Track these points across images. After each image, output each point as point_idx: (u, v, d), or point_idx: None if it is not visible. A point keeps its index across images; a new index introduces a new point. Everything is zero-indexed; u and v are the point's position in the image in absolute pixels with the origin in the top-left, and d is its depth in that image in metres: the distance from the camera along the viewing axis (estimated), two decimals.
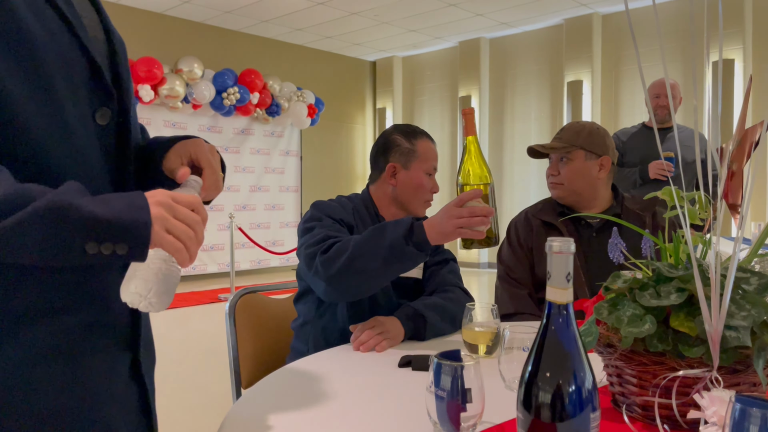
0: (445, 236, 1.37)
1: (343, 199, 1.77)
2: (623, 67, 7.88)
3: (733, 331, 0.82)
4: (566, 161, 1.92)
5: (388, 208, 1.77)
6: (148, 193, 0.78)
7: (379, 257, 1.40)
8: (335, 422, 0.96)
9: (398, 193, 1.75)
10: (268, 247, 7.81)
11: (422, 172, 1.74)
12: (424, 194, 1.75)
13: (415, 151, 1.75)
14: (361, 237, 1.46)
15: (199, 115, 7.70)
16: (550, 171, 1.96)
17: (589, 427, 0.68)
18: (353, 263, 1.42)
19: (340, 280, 1.45)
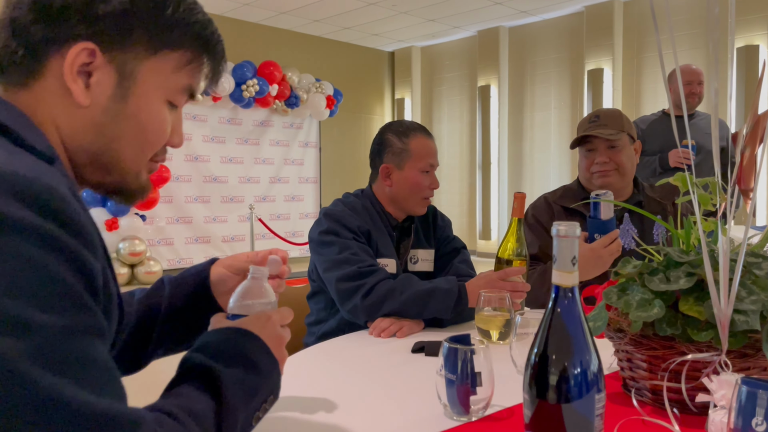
0: None
1: (351, 198, 1.76)
2: (645, 55, 7.76)
3: (742, 315, 0.82)
4: (617, 148, 1.88)
5: (389, 207, 1.77)
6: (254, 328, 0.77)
7: (423, 315, 1.50)
8: (349, 405, 0.98)
9: (394, 194, 1.75)
10: (288, 238, 7.86)
11: (417, 171, 1.72)
12: (421, 193, 1.74)
13: (408, 150, 1.73)
14: (408, 293, 1.50)
15: (219, 108, 7.75)
16: (600, 159, 1.88)
17: (594, 409, 0.69)
18: (398, 313, 1.49)
19: (372, 316, 1.52)
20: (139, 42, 0.72)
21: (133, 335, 0.90)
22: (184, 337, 0.93)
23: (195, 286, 0.93)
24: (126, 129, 0.73)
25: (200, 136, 7.67)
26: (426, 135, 1.78)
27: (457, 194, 9.59)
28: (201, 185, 7.73)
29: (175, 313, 0.92)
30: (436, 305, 1.47)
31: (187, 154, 7.57)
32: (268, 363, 0.75)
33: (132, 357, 0.91)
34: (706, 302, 0.85)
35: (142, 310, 0.92)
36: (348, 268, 1.54)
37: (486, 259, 8.83)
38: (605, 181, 1.89)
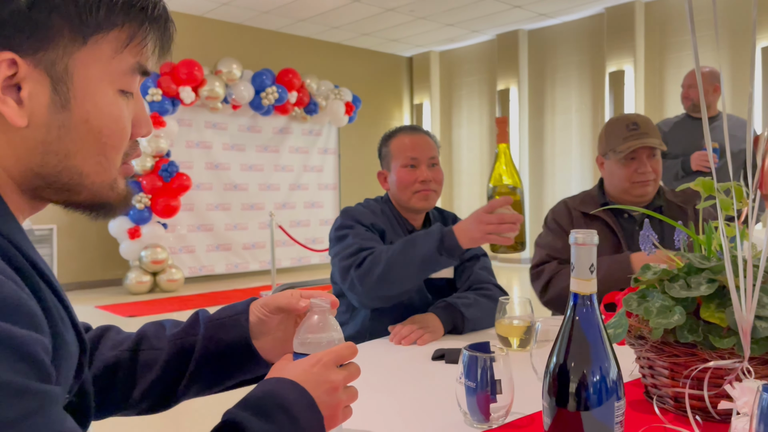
0: (474, 241, 1.40)
1: (371, 202, 1.82)
2: (668, 56, 7.68)
3: (764, 322, 0.81)
4: (657, 157, 1.87)
5: (404, 213, 1.81)
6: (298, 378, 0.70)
7: (414, 267, 1.46)
8: (369, 412, 0.98)
9: (393, 196, 1.81)
10: (308, 245, 7.90)
11: (399, 167, 1.76)
12: (409, 187, 1.75)
13: (390, 152, 1.80)
14: (393, 249, 1.50)
15: (239, 116, 7.84)
16: (644, 169, 1.83)
17: (614, 416, 0.69)
18: (388, 275, 1.47)
19: (376, 290, 1.51)
20: (61, 34, 0.60)
21: (164, 373, 0.84)
22: (219, 381, 0.87)
23: (233, 331, 0.85)
24: (79, 140, 0.62)
25: (220, 144, 7.76)
26: (408, 132, 1.81)
27: (476, 199, 9.56)
28: (221, 193, 7.81)
29: (211, 356, 0.84)
30: (420, 249, 1.44)
31: (208, 162, 7.66)
32: (311, 418, 0.68)
33: (161, 395, 0.85)
34: (727, 309, 0.84)
35: (176, 348, 0.85)
36: (350, 248, 1.58)
37: (508, 264, 8.78)
38: (645, 191, 1.86)
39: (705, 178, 1.06)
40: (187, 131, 7.42)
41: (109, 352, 0.84)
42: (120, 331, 0.89)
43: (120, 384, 0.83)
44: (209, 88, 7.12)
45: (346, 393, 0.74)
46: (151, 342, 0.86)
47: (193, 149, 7.53)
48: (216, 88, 7.17)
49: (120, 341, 0.86)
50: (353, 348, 0.75)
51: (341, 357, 0.74)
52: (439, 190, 1.79)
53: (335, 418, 0.72)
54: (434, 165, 1.79)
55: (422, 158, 1.76)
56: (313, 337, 0.77)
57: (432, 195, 1.77)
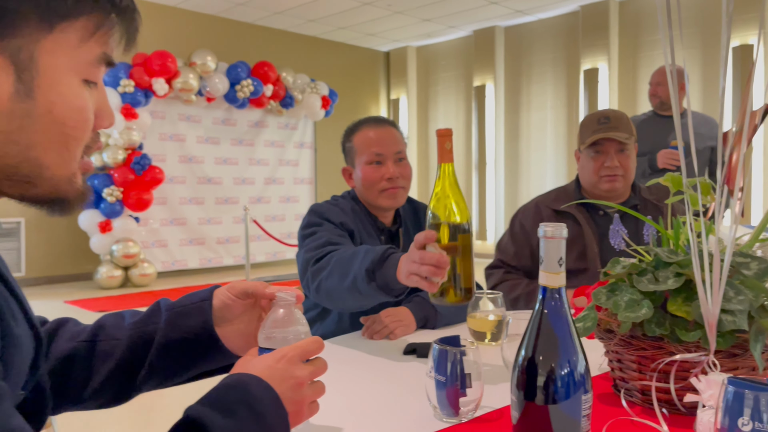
0: (403, 279, 1.14)
1: (339, 199, 1.73)
2: (641, 54, 7.77)
3: (729, 315, 0.82)
4: (626, 152, 1.86)
5: (372, 210, 1.72)
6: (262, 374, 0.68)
7: (344, 286, 1.29)
8: (338, 405, 0.97)
9: (359, 193, 1.72)
10: (283, 240, 7.85)
11: (364, 164, 1.67)
12: (377, 185, 1.66)
13: (353, 147, 1.71)
14: (341, 255, 1.36)
15: (213, 108, 7.75)
16: (611, 163, 1.84)
17: (581, 410, 0.69)
18: (323, 283, 1.36)
19: (316, 296, 1.42)
20: (28, 20, 0.58)
21: (122, 363, 0.81)
22: (180, 371, 0.84)
23: (195, 318, 0.82)
24: (41, 131, 0.60)
25: (194, 137, 7.67)
26: (372, 125, 1.70)
27: None
28: (195, 187, 7.72)
29: (172, 345, 0.82)
30: (357, 267, 1.26)
31: (182, 155, 7.56)
32: (276, 414, 0.66)
33: (120, 386, 0.82)
34: (694, 302, 0.85)
35: (135, 337, 0.82)
36: (317, 241, 1.49)
37: (482, 259, 8.81)
38: (612, 186, 1.86)
39: (674, 174, 1.06)
40: (160, 124, 7.31)
41: (65, 344, 0.81)
42: (78, 323, 0.86)
43: (77, 376, 0.81)
44: (183, 80, 7.02)
45: (312, 388, 0.72)
46: (109, 332, 0.83)
47: (166, 142, 7.42)
48: (190, 80, 7.07)
49: (77, 333, 0.83)
50: (319, 343, 0.74)
51: (307, 352, 0.72)
52: (408, 186, 1.71)
53: (301, 413, 0.70)
54: (401, 160, 1.69)
55: (388, 153, 1.66)
56: (278, 331, 0.75)
57: (400, 192, 1.68)
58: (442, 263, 1.04)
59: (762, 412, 0.65)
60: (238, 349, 0.83)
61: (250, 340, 0.83)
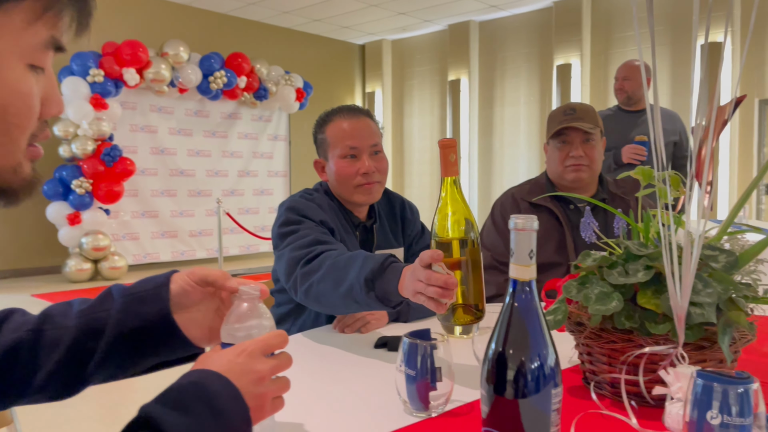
0: (409, 296, 1.06)
1: (314, 194, 1.62)
2: (613, 51, 7.86)
3: (698, 308, 0.83)
4: (592, 143, 1.88)
5: (346, 204, 1.64)
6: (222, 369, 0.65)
7: (338, 293, 1.21)
8: (307, 399, 0.96)
9: (333, 188, 1.63)
10: (257, 233, 7.78)
11: (337, 158, 1.58)
12: (349, 181, 1.58)
13: (326, 139, 1.61)
14: (336, 260, 1.27)
15: (186, 100, 7.63)
16: (575, 153, 1.85)
17: (551, 404, 0.68)
18: (315, 287, 1.28)
19: (305, 299, 1.33)
20: None
21: (70, 353, 0.76)
22: (135, 362, 0.79)
23: (151, 305, 0.78)
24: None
25: (166, 128, 7.55)
26: (346, 116, 1.60)
27: (427, 189, 9.62)
28: (167, 179, 7.61)
29: (127, 333, 0.77)
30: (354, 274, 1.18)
31: (153, 146, 7.44)
32: (236, 410, 0.64)
33: (68, 377, 0.77)
34: (663, 295, 0.85)
35: (83, 325, 0.77)
36: (305, 239, 1.40)
37: None
38: (577, 176, 1.88)
39: (645, 167, 1.07)
40: (131, 114, 7.19)
41: (10, 335, 0.77)
42: (26, 313, 0.82)
43: (22, 367, 0.76)
44: (155, 70, 6.90)
45: (276, 383, 0.70)
46: (56, 320, 0.78)
47: (137, 133, 7.30)
48: (162, 71, 6.95)
49: (23, 323, 0.79)
50: (283, 337, 0.71)
51: (269, 346, 0.70)
52: (384, 180, 1.64)
53: (263, 409, 0.68)
54: (377, 153, 1.61)
55: (363, 147, 1.57)
56: (242, 326, 0.73)
57: (376, 187, 1.60)
58: (450, 284, 0.98)
59: (731, 406, 0.65)
60: (195, 340, 0.80)
61: (205, 331, 0.80)
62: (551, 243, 1.84)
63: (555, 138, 1.89)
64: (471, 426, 0.85)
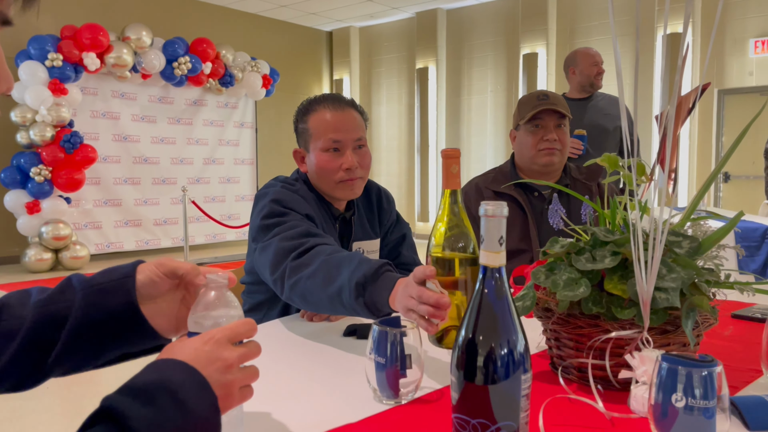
0: (400, 311, 1.01)
1: (295, 184, 1.55)
2: (577, 40, 7.94)
3: (663, 293, 0.84)
4: (564, 128, 1.91)
5: (325, 196, 1.58)
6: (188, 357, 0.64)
7: (327, 293, 1.16)
8: (277, 389, 0.95)
9: (312, 180, 1.56)
10: (224, 221, 7.69)
11: (320, 151, 1.50)
12: (331, 175, 1.51)
13: (308, 130, 1.53)
14: (329, 257, 1.21)
15: (149, 86, 7.46)
16: (550, 136, 1.87)
17: (521, 389, 0.68)
18: (303, 282, 1.21)
19: (291, 291, 1.25)
20: None
21: (27, 344, 0.74)
22: (99, 353, 0.77)
23: (116, 296, 0.76)
24: None
25: (129, 115, 7.38)
26: (330, 106, 1.52)
27: (395, 176, 9.62)
28: (131, 166, 7.45)
29: (90, 325, 0.75)
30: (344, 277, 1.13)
31: (115, 133, 7.27)
32: (202, 399, 0.62)
33: (26, 369, 0.75)
34: (629, 281, 0.86)
35: (41, 316, 0.75)
36: (296, 229, 1.33)
37: (424, 240, 8.89)
38: (550, 160, 1.90)
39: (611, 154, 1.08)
40: (92, 100, 7.00)
41: None
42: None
43: None
44: (116, 55, 6.72)
45: (244, 372, 0.68)
46: (13, 310, 0.76)
47: (98, 120, 7.12)
48: (124, 56, 6.78)
49: None
50: (251, 325, 0.69)
51: (237, 334, 0.68)
52: (366, 176, 1.58)
53: (231, 398, 0.66)
54: (361, 147, 1.54)
55: (347, 141, 1.50)
56: (209, 315, 0.71)
57: (358, 183, 1.54)
58: (442, 304, 0.92)
59: (695, 388, 0.66)
60: (161, 330, 0.78)
61: (172, 321, 0.79)
62: (515, 230, 1.86)
63: (529, 122, 1.90)
64: (441, 413, 0.85)
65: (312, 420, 0.83)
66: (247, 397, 0.70)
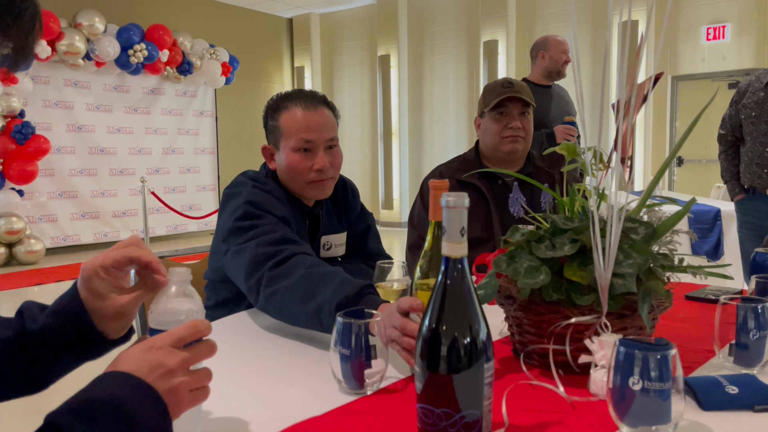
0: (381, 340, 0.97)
1: (265, 181, 1.50)
2: (536, 27, 8.02)
3: (620, 279, 0.86)
4: (528, 116, 1.92)
5: (289, 190, 1.54)
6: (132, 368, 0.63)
7: (305, 310, 1.13)
8: (241, 383, 0.94)
9: (282, 178, 1.53)
10: (184, 212, 7.57)
11: (290, 151, 1.47)
12: (302, 176, 1.48)
13: (279, 128, 1.49)
14: (310, 271, 1.18)
15: (104, 74, 7.26)
16: (514, 124, 1.89)
17: (484, 377, 0.69)
18: (280, 294, 1.19)
19: (267, 301, 1.22)
20: None
21: None
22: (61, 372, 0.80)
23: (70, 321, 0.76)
24: None
25: (83, 104, 7.18)
26: (303, 105, 1.49)
27: (359, 164, 9.60)
28: (86, 157, 7.26)
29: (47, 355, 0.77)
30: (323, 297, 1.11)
31: (70, 123, 7.07)
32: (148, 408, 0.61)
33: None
34: (588, 267, 0.88)
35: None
36: (273, 234, 1.30)
37: (389, 228, 8.92)
38: (514, 147, 1.92)
39: (570, 143, 1.10)
40: (43, 89, 6.78)
41: None
42: None
43: None
44: (68, 42, 6.52)
45: (192, 375, 0.67)
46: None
47: (51, 109, 6.90)
48: (76, 43, 6.58)
49: None
50: (196, 327, 0.67)
51: (179, 339, 0.66)
52: (337, 175, 1.56)
53: (180, 403, 0.65)
54: (333, 147, 1.51)
55: (319, 141, 1.47)
56: (170, 312, 0.70)
57: (329, 183, 1.52)
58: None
59: (650, 371, 0.68)
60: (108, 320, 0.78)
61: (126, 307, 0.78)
62: (478, 219, 1.87)
63: (493, 110, 1.91)
64: (405, 402, 0.86)
65: (277, 413, 0.83)
66: (199, 400, 0.68)
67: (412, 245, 1.93)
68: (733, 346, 0.95)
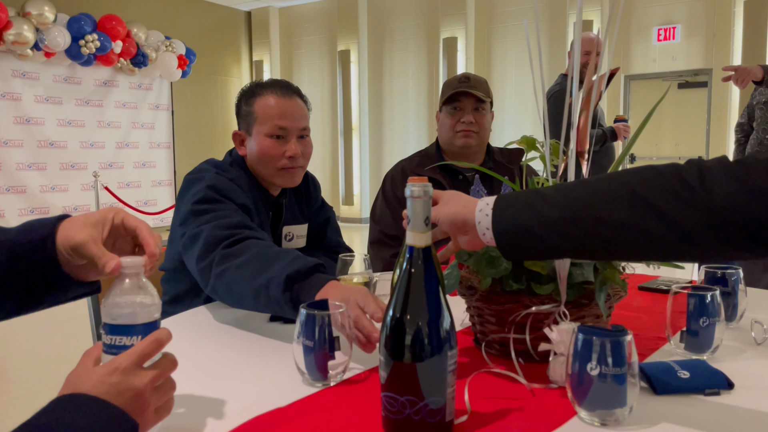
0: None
1: (229, 168, 1.51)
2: (494, 25, 8.13)
3: (578, 268, 0.88)
4: (482, 111, 1.94)
5: (261, 181, 1.56)
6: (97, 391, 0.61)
7: (253, 285, 1.13)
8: (204, 376, 0.93)
9: (251, 165, 1.55)
10: (140, 208, 7.41)
11: (263, 136, 1.50)
12: (273, 161, 1.51)
13: (253, 113, 1.52)
14: (264, 250, 1.19)
15: (54, 65, 7.03)
16: (466, 119, 1.91)
17: (447, 366, 0.70)
18: (230, 272, 1.18)
19: (217, 280, 1.21)
20: None
21: None
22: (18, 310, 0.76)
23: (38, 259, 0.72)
24: None
25: (31, 96, 6.94)
26: (278, 93, 1.52)
27: (319, 160, 9.55)
28: (35, 151, 7.03)
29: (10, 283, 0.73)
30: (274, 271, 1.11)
31: (17, 116, 6.82)
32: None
33: None
34: None
35: None
36: (230, 219, 1.30)
37: (349, 224, 8.91)
38: (466, 142, 1.94)
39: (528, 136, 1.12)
40: None
41: None
42: None
43: None
44: (16, 31, 6.29)
45: (157, 392, 0.66)
46: None
47: None
48: (24, 33, 6.35)
49: None
50: (158, 341, 0.66)
51: (144, 355, 0.64)
52: (306, 165, 1.59)
53: (146, 423, 0.64)
54: (304, 137, 1.56)
55: (293, 129, 1.51)
56: (124, 307, 0.66)
57: (299, 171, 1.55)
58: (372, 341, 0.93)
59: (607, 357, 0.71)
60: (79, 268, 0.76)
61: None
62: None
63: (448, 104, 1.93)
64: (370, 392, 0.86)
65: (241, 405, 0.82)
66: (163, 416, 0.68)
67: (374, 241, 1.94)
68: (684, 333, 0.99)
